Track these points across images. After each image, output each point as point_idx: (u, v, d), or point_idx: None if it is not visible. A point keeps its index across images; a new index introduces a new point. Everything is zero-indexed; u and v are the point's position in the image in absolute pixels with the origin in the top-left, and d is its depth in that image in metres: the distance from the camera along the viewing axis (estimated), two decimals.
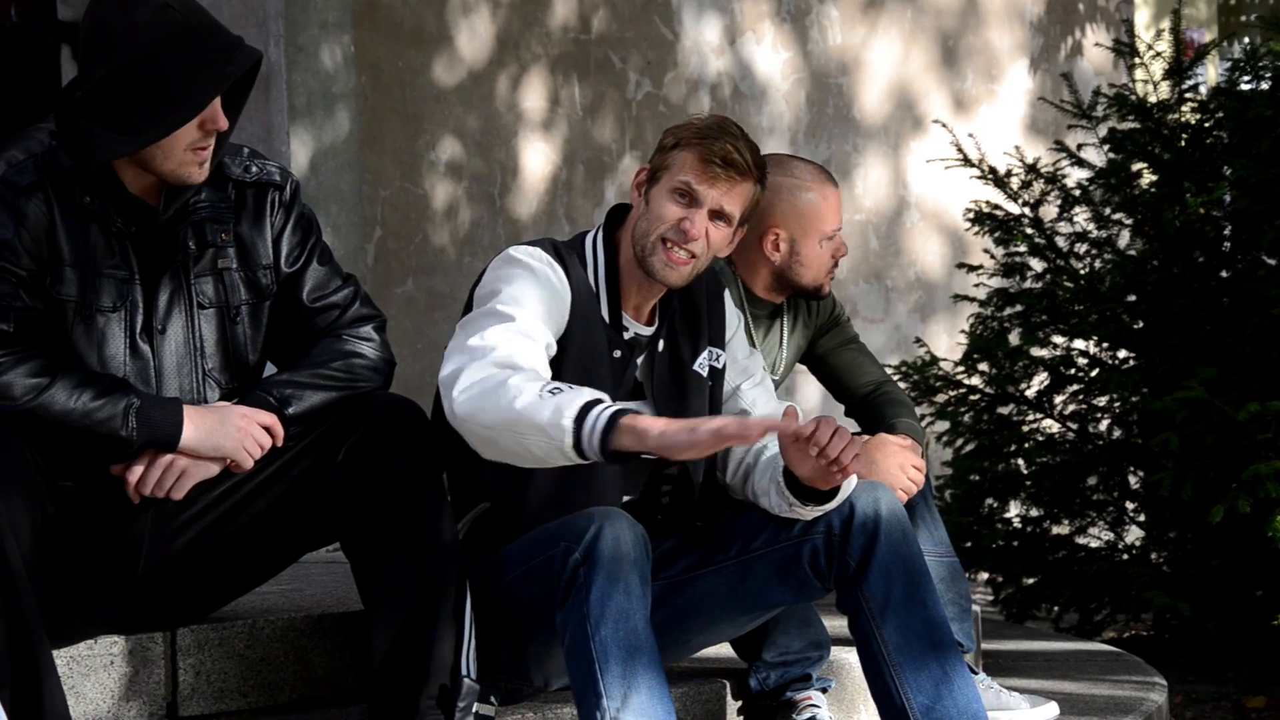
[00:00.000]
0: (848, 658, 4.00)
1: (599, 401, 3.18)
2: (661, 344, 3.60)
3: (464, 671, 3.28)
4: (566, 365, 3.45)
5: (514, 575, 3.40)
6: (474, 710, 3.29)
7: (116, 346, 3.25)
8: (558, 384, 3.23)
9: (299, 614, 3.58)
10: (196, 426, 3.23)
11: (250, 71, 3.26)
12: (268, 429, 3.28)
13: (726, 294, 3.74)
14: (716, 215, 3.51)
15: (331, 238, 5.79)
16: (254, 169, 3.40)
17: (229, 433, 3.24)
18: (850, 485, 3.51)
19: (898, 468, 4.00)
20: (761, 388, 3.70)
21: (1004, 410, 6.35)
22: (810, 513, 3.50)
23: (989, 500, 6.34)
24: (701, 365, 3.64)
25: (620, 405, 3.20)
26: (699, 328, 3.65)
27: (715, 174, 3.48)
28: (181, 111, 3.14)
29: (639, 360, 3.58)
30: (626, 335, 3.56)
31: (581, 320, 3.48)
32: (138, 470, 3.22)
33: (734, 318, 3.73)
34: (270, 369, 3.43)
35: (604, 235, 3.60)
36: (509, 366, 3.26)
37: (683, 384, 3.61)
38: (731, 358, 3.69)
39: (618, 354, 3.54)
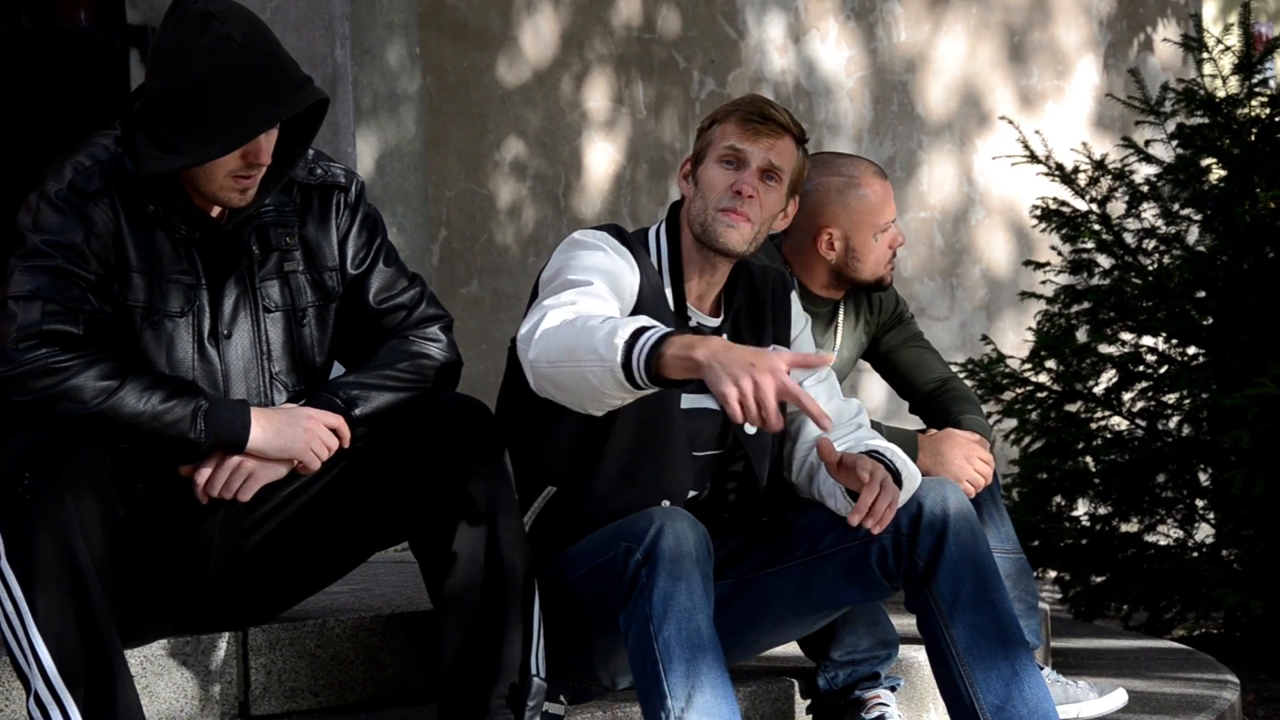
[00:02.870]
0: (916, 656, 3.99)
1: (654, 327, 3.12)
2: (726, 335, 3.60)
3: (533, 670, 3.28)
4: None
5: (578, 575, 3.41)
6: (543, 709, 3.29)
7: (184, 351, 3.27)
8: (610, 315, 3.22)
9: (369, 614, 3.59)
10: (264, 428, 3.24)
11: (316, 109, 3.27)
12: (335, 430, 3.28)
13: (795, 295, 3.74)
14: (766, 174, 3.51)
15: (397, 238, 5.81)
16: (319, 171, 3.41)
17: (296, 434, 3.26)
18: (914, 484, 3.50)
19: (964, 460, 4.00)
20: (824, 385, 3.69)
21: (1072, 408, 6.32)
22: None
23: (1057, 498, 6.31)
24: None
25: (664, 330, 3.12)
26: (763, 322, 3.64)
27: (757, 130, 3.51)
28: (219, 142, 3.14)
29: None
30: (691, 324, 3.56)
31: (647, 305, 3.48)
32: (206, 472, 3.24)
33: (801, 318, 3.73)
34: (338, 370, 3.44)
35: (666, 228, 3.61)
36: (581, 313, 3.25)
37: None
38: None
39: None
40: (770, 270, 3.68)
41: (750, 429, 3.41)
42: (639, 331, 3.10)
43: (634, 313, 3.44)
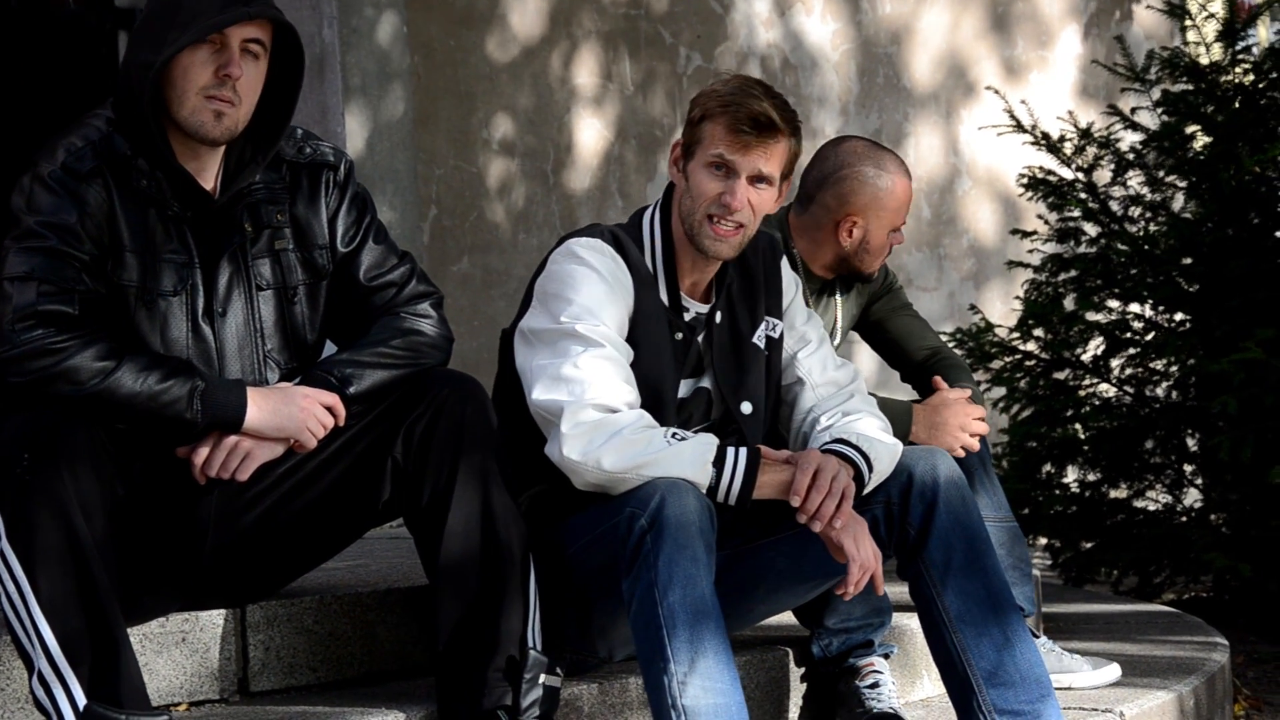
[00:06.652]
0: (909, 623, 4.01)
1: (734, 449, 3.37)
2: (719, 315, 3.62)
3: (530, 643, 3.30)
4: (633, 354, 3.48)
5: (578, 545, 3.43)
6: (540, 681, 3.30)
7: (179, 330, 3.29)
8: (674, 430, 3.36)
9: (365, 589, 3.62)
10: (260, 408, 3.26)
11: (296, 60, 3.30)
12: (330, 409, 3.30)
13: (784, 261, 3.75)
14: (756, 180, 3.50)
15: (387, 217, 5.83)
16: (308, 150, 3.43)
17: (292, 413, 3.27)
18: (892, 462, 3.52)
19: (958, 427, 4.04)
20: (818, 355, 3.71)
21: (1060, 375, 6.35)
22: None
23: (1047, 466, 6.33)
24: (759, 337, 3.65)
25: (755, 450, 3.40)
26: (756, 298, 3.66)
27: (747, 141, 3.46)
28: (190, 32, 3.18)
29: (699, 338, 3.60)
30: (687, 316, 3.58)
31: (643, 309, 3.51)
32: (203, 452, 3.25)
33: (791, 284, 3.74)
34: (330, 348, 3.46)
35: (660, 212, 3.62)
36: (610, 409, 3.35)
37: (741, 356, 3.63)
38: (789, 325, 3.70)
39: (679, 336, 3.56)
40: (760, 238, 3.69)
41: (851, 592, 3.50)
42: (721, 454, 3.36)
43: (631, 323, 3.49)
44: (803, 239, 4.10)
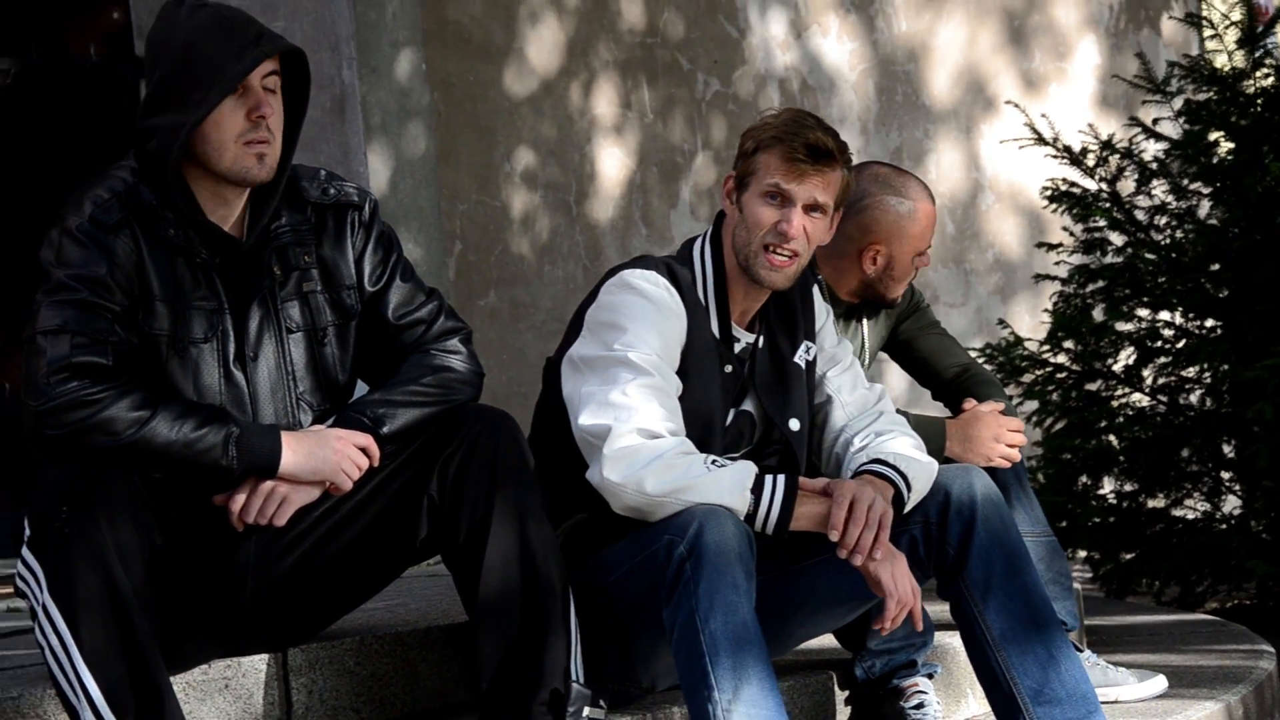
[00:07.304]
0: (952, 642, 4.00)
1: (772, 479, 3.36)
2: (761, 341, 3.63)
3: (573, 676, 3.30)
4: (681, 386, 3.49)
5: (617, 575, 3.43)
6: (585, 715, 3.31)
7: (211, 376, 3.29)
8: (714, 457, 3.36)
9: (406, 628, 3.61)
10: (295, 452, 3.26)
11: (303, 80, 3.32)
12: (364, 449, 3.30)
13: (815, 288, 3.76)
14: (811, 209, 3.52)
15: (413, 254, 5.84)
16: (332, 190, 3.43)
17: (327, 456, 3.27)
18: (929, 480, 3.52)
19: (992, 440, 4.03)
20: (848, 374, 3.72)
21: (1092, 387, 6.33)
22: None
23: (1082, 478, 6.31)
24: (800, 358, 3.66)
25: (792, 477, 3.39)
26: (794, 323, 3.67)
27: (802, 170, 3.48)
28: (216, 89, 3.20)
29: (745, 368, 3.61)
30: (737, 348, 3.59)
31: (695, 341, 3.52)
32: (240, 499, 3.26)
33: (823, 310, 3.75)
34: (362, 388, 3.46)
35: (710, 243, 3.62)
36: (655, 435, 3.36)
37: (785, 377, 3.63)
38: (820, 347, 3.71)
39: (729, 369, 3.57)
40: None
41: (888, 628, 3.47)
42: (760, 482, 3.35)
43: (683, 356, 3.51)
44: (827, 265, 4.10)
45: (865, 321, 4.22)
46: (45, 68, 6.02)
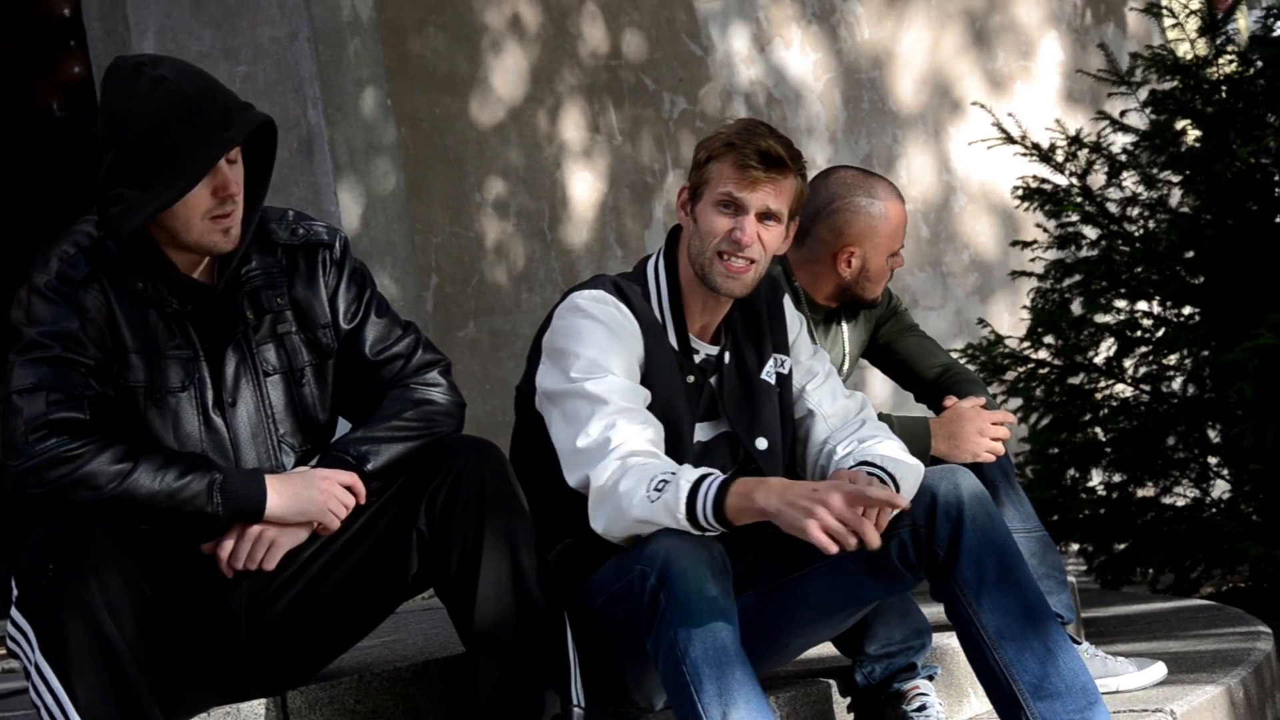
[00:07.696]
0: (951, 643, 4.00)
1: (707, 479, 3.27)
2: (727, 356, 3.62)
3: (573, 700, 3.29)
4: (649, 395, 3.48)
5: (601, 601, 3.42)
6: None
7: (191, 425, 3.29)
8: (661, 476, 3.29)
9: (404, 664, 3.60)
10: (280, 494, 3.25)
11: (269, 140, 3.30)
12: (349, 488, 3.30)
13: (786, 298, 3.76)
14: (765, 216, 3.51)
15: (389, 289, 5.83)
16: (300, 230, 3.43)
17: (312, 497, 3.27)
18: (917, 480, 3.51)
19: (977, 434, 4.03)
20: (826, 387, 3.71)
21: (1075, 380, 6.34)
22: None
23: (1070, 471, 6.33)
24: (768, 373, 3.65)
25: (720, 478, 3.29)
26: (761, 336, 3.66)
27: (755, 178, 3.48)
28: (184, 178, 3.17)
29: (711, 380, 3.60)
30: (697, 359, 3.59)
31: (653, 355, 3.51)
32: (228, 545, 3.25)
33: (795, 321, 3.75)
34: (344, 426, 3.46)
35: (665, 258, 3.62)
36: (634, 453, 3.34)
37: (753, 394, 3.62)
38: (795, 360, 3.71)
39: (691, 379, 3.56)
40: (762, 280, 3.69)
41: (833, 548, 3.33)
42: (694, 489, 3.25)
43: (643, 370, 3.50)
44: (803, 272, 4.11)
45: (845, 325, 4.23)
46: (10, 127, 6.01)
